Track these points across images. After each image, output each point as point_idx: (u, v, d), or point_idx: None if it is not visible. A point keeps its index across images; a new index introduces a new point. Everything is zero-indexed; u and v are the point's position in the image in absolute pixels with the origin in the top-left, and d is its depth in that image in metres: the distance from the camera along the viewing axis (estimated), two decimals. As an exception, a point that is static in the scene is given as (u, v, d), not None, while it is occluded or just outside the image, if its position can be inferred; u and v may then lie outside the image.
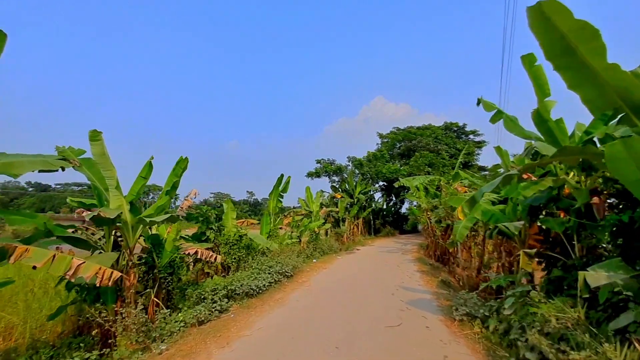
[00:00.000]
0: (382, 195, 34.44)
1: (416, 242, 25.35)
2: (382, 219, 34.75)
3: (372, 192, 31.61)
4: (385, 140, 36.70)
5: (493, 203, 7.79)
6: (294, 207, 16.99)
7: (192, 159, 7.54)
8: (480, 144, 35.11)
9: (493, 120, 6.82)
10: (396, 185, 15.51)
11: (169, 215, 5.43)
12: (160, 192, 7.95)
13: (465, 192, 11.73)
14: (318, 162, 29.85)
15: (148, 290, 7.41)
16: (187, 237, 10.34)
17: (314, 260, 14.03)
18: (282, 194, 13.91)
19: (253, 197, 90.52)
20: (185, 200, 9.23)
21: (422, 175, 14.52)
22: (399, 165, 29.39)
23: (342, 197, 24.96)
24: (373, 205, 31.65)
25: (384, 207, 34.94)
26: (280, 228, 16.06)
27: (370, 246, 21.82)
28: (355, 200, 26.38)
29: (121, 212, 5.60)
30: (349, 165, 31.21)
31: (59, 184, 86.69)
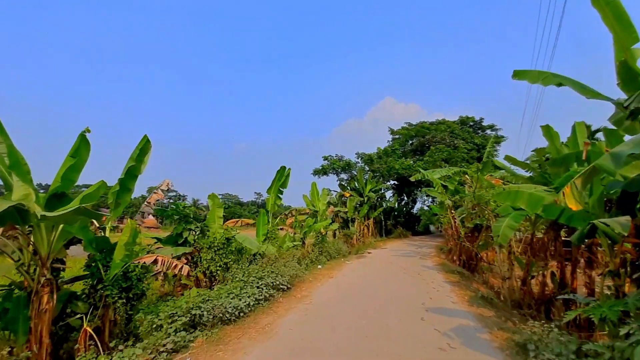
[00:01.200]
0: (393, 195, 32.25)
1: (432, 244, 23.14)
2: (393, 220, 32.54)
3: (383, 191, 29.46)
4: (397, 136, 34.49)
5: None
6: (299, 209, 15.04)
7: (202, 160, 5.68)
8: (499, 139, 32.59)
9: (545, 82, 4.81)
10: (413, 179, 13.44)
11: (75, 207, 3.49)
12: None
13: (500, 184, 9.58)
14: (325, 158, 27.81)
15: (93, 314, 5.58)
16: (161, 239, 8.47)
17: (319, 267, 12.03)
18: (281, 189, 11.96)
19: (261, 199, 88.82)
20: (154, 193, 7.36)
21: (443, 168, 12.41)
22: (412, 162, 27.17)
23: (351, 195, 22.90)
24: (384, 205, 29.50)
25: (396, 206, 32.75)
26: (281, 229, 14.13)
27: (382, 249, 19.72)
28: (365, 199, 24.29)
29: (21, 205, 3.70)
30: (359, 162, 29.13)
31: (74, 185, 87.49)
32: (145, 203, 6.98)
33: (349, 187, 26.13)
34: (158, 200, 7.10)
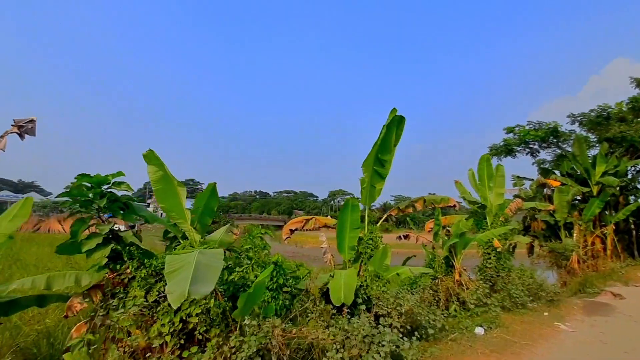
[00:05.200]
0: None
1: None
2: (655, 228, 18.40)
3: (632, 173, 16.76)
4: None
5: None
6: (431, 198, 8.02)
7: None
8: None
9: None
10: None
11: None
12: None
13: None
14: (510, 130, 18.07)
15: None
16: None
17: (479, 331, 5.21)
18: (381, 157, 5.88)
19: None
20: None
21: None
22: None
23: (561, 184, 13.33)
24: (635, 201, 16.75)
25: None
26: (405, 236, 7.82)
27: (648, 288, 9.55)
28: (595, 189, 13.77)
29: None
30: (575, 130, 17.54)
31: (275, 192, 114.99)
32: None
33: (557, 172, 15.85)
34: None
